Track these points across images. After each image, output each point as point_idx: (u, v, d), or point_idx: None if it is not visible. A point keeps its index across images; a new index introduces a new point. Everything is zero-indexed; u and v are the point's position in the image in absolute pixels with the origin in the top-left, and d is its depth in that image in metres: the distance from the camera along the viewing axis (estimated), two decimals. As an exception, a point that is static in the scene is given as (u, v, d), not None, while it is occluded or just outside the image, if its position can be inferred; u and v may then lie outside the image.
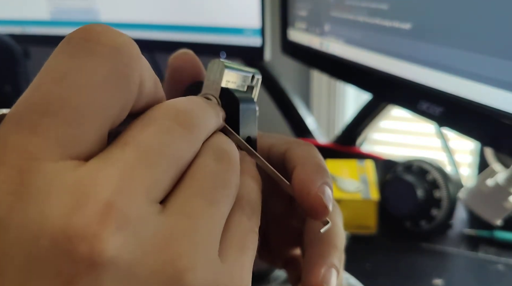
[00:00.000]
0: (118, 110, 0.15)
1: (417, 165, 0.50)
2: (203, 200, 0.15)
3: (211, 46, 0.73)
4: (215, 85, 0.20)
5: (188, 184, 0.15)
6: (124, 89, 0.15)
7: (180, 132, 0.16)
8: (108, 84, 0.14)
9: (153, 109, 0.16)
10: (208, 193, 0.16)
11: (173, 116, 0.16)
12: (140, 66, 0.15)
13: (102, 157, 0.14)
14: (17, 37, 0.81)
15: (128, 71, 0.15)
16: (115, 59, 0.14)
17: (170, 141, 0.15)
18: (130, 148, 0.14)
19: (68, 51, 0.14)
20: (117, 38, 0.15)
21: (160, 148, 0.15)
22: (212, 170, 0.16)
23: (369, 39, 0.46)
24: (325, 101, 1.14)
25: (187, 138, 0.16)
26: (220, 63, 0.20)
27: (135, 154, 0.14)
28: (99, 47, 0.14)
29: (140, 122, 0.16)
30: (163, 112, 0.16)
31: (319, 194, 0.21)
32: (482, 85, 0.33)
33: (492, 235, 0.49)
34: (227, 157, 0.17)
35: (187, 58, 0.23)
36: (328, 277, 0.21)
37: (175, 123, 0.16)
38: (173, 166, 0.15)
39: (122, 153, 0.14)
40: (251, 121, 0.21)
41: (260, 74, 0.23)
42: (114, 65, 0.14)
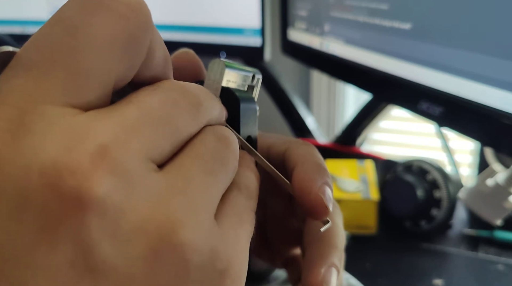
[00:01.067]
0: (124, 69, 0.15)
1: (417, 165, 0.50)
2: (201, 168, 0.15)
3: (211, 46, 0.73)
4: (215, 84, 0.20)
5: (188, 152, 0.16)
6: (133, 50, 0.15)
7: (185, 106, 0.16)
8: (119, 42, 0.14)
9: (163, 81, 0.16)
10: (206, 163, 0.16)
11: (181, 92, 0.16)
12: (152, 32, 0.15)
13: (104, 110, 0.14)
14: (17, 37, 0.81)
15: (139, 33, 0.15)
16: (128, 19, 0.15)
17: (174, 111, 0.15)
18: (135, 105, 0.14)
19: (83, 4, 0.14)
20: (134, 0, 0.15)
21: (163, 113, 0.15)
22: (212, 145, 0.16)
23: (369, 39, 0.46)
24: (325, 101, 1.14)
25: (191, 114, 0.16)
26: (221, 63, 0.20)
27: (139, 112, 0.14)
28: (115, 3, 0.14)
29: (148, 88, 0.16)
30: (172, 86, 0.16)
31: (319, 194, 0.21)
32: (482, 85, 0.33)
33: (492, 235, 0.49)
34: (228, 140, 0.17)
35: (188, 57, 0.23)
36: (328, 277, 0.21)
37: (182, 98, 0.16)
38: (173, 134, 0.15)
39: (125, 109, 0.14)
40: (251, 121, 0.21)
41: (260, 74, 0.23)
42: (127, 24, 0.14)
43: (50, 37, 0.14)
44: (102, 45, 0.14)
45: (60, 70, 0.14)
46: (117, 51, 0.14)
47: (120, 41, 0.14)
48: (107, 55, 0.14)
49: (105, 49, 0.14)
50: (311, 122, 0.81)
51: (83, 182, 0.12)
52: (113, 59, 0.14)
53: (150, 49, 0.16)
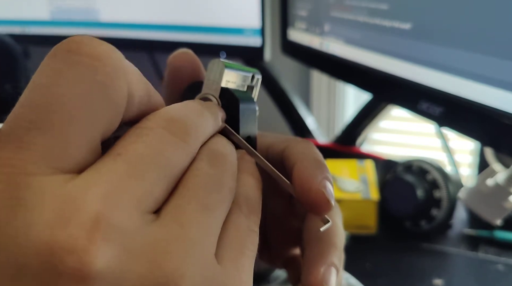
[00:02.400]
0: (106, 121, 0.15)
1: (417, 165, 0.50)
2: (196, 207, 0.15)
3: (211, 46, 0.73)
4: (215, 85, 0.20)
5: (181, 191, 0.15)
6: (109, 100, 0.15)
7: (173, 141, 0.16)
8: (92, 95, 0.14)
9: (147, 118, 0.16)
10: (201, 198, 0.15)
11: (166, 125, 0.16)
12: (124, 75, 0.15)
13: (93, 169, 0.14)
14: (17, 37, 0.81)
15: (111, 81, 0.15)
16: (96, 69, 0.14)
17: (162, 151, 0.15)
18: (122, 158, 0.14)
19: (52, 64, 0.14)
20: (97, 47, 0.15)
21: (151, 158, 0.15)
22: (205, 175, 0.16)
23: (369, 39, 0.46)
24: (325, 101, 1.14)
25: (180, 147, 0.16)
26: (220, 63, 0.20)
27: (126, 165, 0.14)
28: (80, 57, 0.14)
29: (132, 133, 0.15)
30: (156, 121, 0.16)
31: (320, 188, 0.21)
32: (482, 85, 0.33)
33: (492, 235, 0.49)
34: (222, 160, 0.17)
35: (187, 57, 0.23)
36: (328, 276, 0.21)
37: (168, 133, 0.16)
38: (165, 175, 0.15)
39: (113, 164, 0.14)
40: (251, 121, 0.21)
41: (260, 74, 0.23)
42: (96, 75, 0.14)
43: (24, 104, 0.14)
44: (76, 101, 0.14)
45: (39, 136, 0.13)
46: (93, 104, 0.14)
47: (93, 93, 0.14)
48: (84, 110, 0.14)
49: (80, 104, 0.14)
50: (311, 122, 0.81)
51: (82, 258, 0.12)
52: (91, 113, 0.14)
53: (129, 92, 0.15)
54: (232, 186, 0.17)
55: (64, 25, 0.83)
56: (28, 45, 0.82)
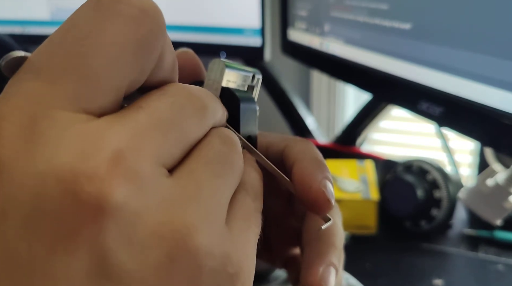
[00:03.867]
0: (136, 74, 0.15)
1: (417, 165, 0.50)
2: (210, 171, 0.15)
3: (211, 46, 0.73)
4: (215, 84, 0.20)
5: (196, 157, 0.16)
6: (145, 55, 0.15)
7: (192, 111, 0.16)
8: (131, 47, 0.14)
9: (168, 85, 0.16)
10: (214, 166, 0.16)
11: (187, 97, 0.16)
12: (164, 37, 0.15)
13: (116, 115, 0.14)
14: (17, 37, 0.81)
15: (152, 38, 0.15)
16: (141, 23, 0.14)
17: (182, 115, 0.15)
18: (145, 111, 0.14)
19: (96, 9, 0.14)
20: (148, 4, 0.15)
21: (172, 118, 0.15)
22: (218, 148, 0.16)
23: (369, 39, 0.46)
24: (325, 101, 1.14)
25: (198, 118, 0.16)
26: (221, 63, 0.20)
27: (149, 117, 0.14)
28: (128, 8, 0.14)
29: (156, 92, 0.16)
30: (179, 90, 0.16)
31: (321, 187, 0.21)
32: (482, 85, 0.33)
33: (492, 235, 0.49)
34: (232, 142, 0.17)
35: (187, 57, 0.23)
36: (327, 276, 0.21)
37: (188, 102, 0.16)
38: (182, 138, 0.15)
39: (136, 114, 0.14)
40: (251, 121, 0.21)
41: (260, 74, 0.23)
42: (140, 29, 0.14)
43: (62, 43, 0.14)
44: (113, 51, 0.14)
45: (72, 76, 0.13)
46: (128, 57, 0.14)
47: (132, 46, 0.14)
48: (119, 61, 0.14)
49: (117, 55, 0.14)
50: (311, 122, 0.81)
51: (102, 188, 0.12)
52: (125, 65, 0.14)
53: (161, 54, 0.16)
54: (240, 165, 0.17)
55: (64, 25, 0.83)
56: (28, 45, 0.82)
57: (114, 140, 0.13)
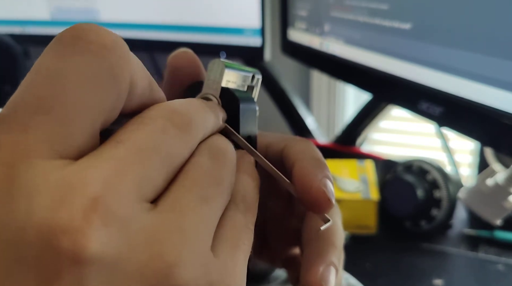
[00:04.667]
0: (108, 109, 0.15)
1: (417, 165, 0.50)
2: (195, 197, 0.15)
3: (211, 46, 0.73)
4: (215, 85, 0.20)
5: (181, 181, 0.15)
6: (114, 88, 0.15)
7: (174, 132, 0.16)
8: (98, 82, 0.14)
9: (149, 109, 0.16)
10: (200, 190, 0.15)
11: (168, 116, 0.16)
12: (130, 65, 0.15)
13: (93, 155, 0.14)
14: (17, 37, 0.81)
15: (117, 69, 0.15)
16: (104, 58, 0.14)
17: (163, 140, 0.15)
18: (123, 145, 0.14)
19: (58, 50, 0.14)
20: (106, 37, 0.15)
21: (153, 146, 0.15)
22: (205, 168, 0.16)
23: (369, 39, 0.46)
24: (325, 101, 1.14)
25: (182, 138, 0.16)
26: (221, 63, 0.20)
27: (127, 151, 0.14)
28: (89, 45, 0.14)
29: (135, 121, 0.16)
30: (159, 112, 0.16)
31: (321, 187, 0.21)
32: (482, 85, 0.33)
33: (492, 235, 0.49)
34: (222, 155, 0.17)
35: (187, 57, 0.23)
36: (327, 276, 0.21)
37: (169, 123, 0.16)
38: (165, 165, 0.15)
39: (114, 150, 0.14)
40: (251, 121, 0.21)
41: (260, 74, 0.23)
42: (103, 63, 0.14)
43: (30, 88, 0.14)
44: (82, 88, 0.14)
45: (43, 121, 0.13)
46: (97, 91, 0.14)
47: (99, 81, 0.14)
48: (89, 97, 0.14)
49: (86, 91, 0.14)
50: (311, 122, 0.81)
51: (76, 240, 0.12)
52: (95, 100, 0.14)
53: (132, 82, 0.15)
54: (230, 182, 0.17)
55: (64, 25, 0.82)
56: (28, 45, 0.82)
57: (90, 184, 0.13)
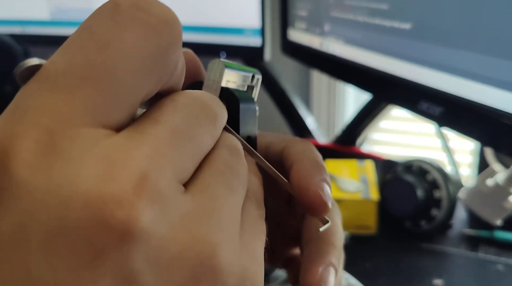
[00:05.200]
0: (153, 86, 0.14)
1: (417, 165, 0.50)
2: (223, 184, 0.15)
3: (211, 46, 0.73)
4: (215, 85, 0.20)
5: (208, 170, 0.15)
6: (164, 67, 0.14)
7: (205, 122, 0.16)
8: (151, 59, 0.14)
9: (179, 95, 0.16)
10: (226, 179, 0.16)
11: (200, 107, 0.16)
12: (180, 47, 0.15)
13: (134, 130, 0.14)
14: (17, 37, 0.81)
15: (171, 50, 0.14)
16: (162, 34, 0.14)
17: (196, 128, 0.15)
18: (162, 125, 0.14)
19: (115, 17, 0.14)
20: (168, 12, 0.14)
21: (187, 131, 0.15)
22: (227, 160, 0.16)
23: (369, 39, 0.46)
24: (325, 101, 1.14)
25: (210, 129, 0.16)
26: (220, 63, 0.20)
27: (166, 132, 0.14)
28: (149, 17, 0.14)
29: (169, 103, 0.15)
30: (192, 100, 0.16)
31: (317, 190, 0.21)
32: (482, 85, 0.33)
33: (492, 235, 0.49)
34: (238, 152, 0.17)
35: (187, 57, 0.23)
36: (326, 276, 0.21)
37: (202, 114, 0.16)
38: (197, 151, 0.15)
39: (153, 129, 0.14)
40: (251, 121, 0.21)
41: (260, 74, 0.23)
42: (161, 40, 0.14)
43: (81, 51, 0.13)
44: (134, 62, 0.13)
45: (92, 87, 0.13)
46: (148, 68, 0.14)
47: (152, 58, 0.14)
48: (139, 73, 0.14)
49: (137, 66, 0.14)
50: (311, 122, 0.81)
51: (130, 213, 0.12)
52: (144, 77, 0.14)
53: (176, 64, 0.15)
54: (246, 176, 0.17)
55: (64, 25, 0.83)
56: (28, 45, 0.82)
57: (137, 159, 0.13)
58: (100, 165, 0.12)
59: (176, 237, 0.13)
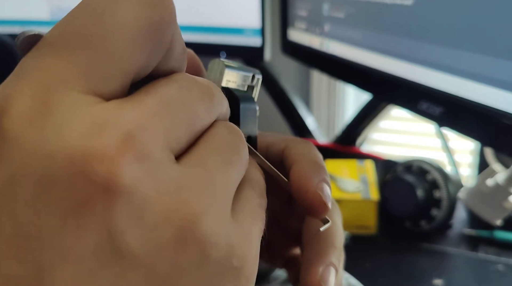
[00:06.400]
0: (145, 61, 0.15)
1: (417, 165, 0.50)
2: (219, 158, 0.15)
3: (211, 46, 0.73)
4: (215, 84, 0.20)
5: (204, 143, 0.15)
6: (156, 41, 0.15)
7: (200, 96, 0.16)
8: (143, 31, 0.14)
9: (176, 73, 0.16)
10: (223, 153, 0.16)
11: (195, 83, 0.16)
12: (175, 26, 0.16)
13: (124, 99, 0.14)
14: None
15: (164, 25, 0.15)
16: (155, 8, 0.15)
17: (190, 99, 0.15)
18: (153, 95, 0.14)
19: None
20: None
21: (180, 101, 0.15)
22: (225, 137, 0.16)
23: (369, 39, 0.46)
24: (325, 101, 1.14)
25: (206, 104, 0.16)
26: (221, 63, 0.20)
27: (158, 101, 0.14)
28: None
29: (164, 79, 0.16)
30: (186, 77, 0.16)
31: (317, 191, 0.21)
32: (482, 85, 0.33)
33: (492, 235, 0.49)
34: (238, 132, 0.17)
35: (187, 57, 0.23)
36: (326, 276, 0.21)
37: (196, 89, 0.16)
38: (190, 123, 0.15)
39: (144, 98, 0.14)
40: (251, 121, 0.21)
41: (260, 74, 0.23)
42: (154, 14, 0.14)
43: (76, 22, 0.14)
44: (127, 33, 0.14)
45: (85, 55, 0.13)
46: (140, 41, 0.14)
47: (144, 31, 0.14)
48: (131, 44, 0.14)
49: (130, 37, 0.14)
50: (311, 122, 0.81)
51: (111, 168, 0.12)
52: (137, 49, 0.14)
53: (171, 43, 0.16)
54: (247, 157, 0.17)
55: (64, 25, 0.83)
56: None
57: (124, 121, 0.13)
58: (87, 124, 0.13)
59: (160, 198, 0.13)
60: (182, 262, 0.13)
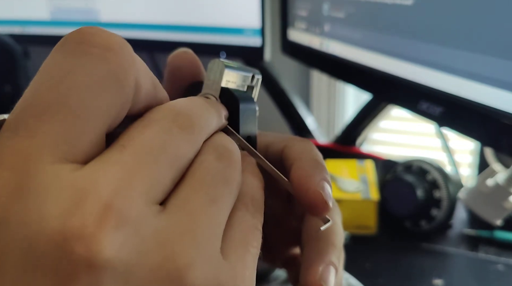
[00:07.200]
0: (114, 112, 0.15)
1: (417, 165, 0.50)
2: (203, 197, 0.15)
3: (211, 46, 0.73)
4: (215, 85, 0.20)
5: (189, 182, 0.15)
6: (119, 91, 0.15)
7: (179, 132, 0.16)
8: (103, 85, 0.14)
9: (152, 111, 0.16)
10: (208, 190, 0.15)
11: (172, 118, 0.16)
12: (135, 67, 0.15)
13: (100, 159, 0.14)
14: (17, 37, 0.81)
15: (122, 72, 0.15)
16: (108, 61, 0.15)
17: (169, 141, 0.15)
18: (128, 149, 0.14)
19: (62, 53, 0.14)
20: (109, 39, 0.15)
21: (158, 148, 0.15)
22: (212, 167, 0.16)
23: (369, 39, 0.46)
24: (325, 101, 1.14)
25: (186, 138, 0.16)
26: (220, 63, 0.20)
27: (133, 155, 0.14)
28: (92, 48, 0.14)
29: (139, 124, 0.15)
30: (162, 113, 0.16)
31: (318, 189, 0.21)
32: (482, 85, 0.33)
33: (492, 235, 0.49)
34: (228, 154, 0.17)
35: (187, 57, 0.23)
36: (326, 275, 0.21)
37: (174, 125, 0.16)
38: (172, 166, 0.15)
39: (120, 155, 0.14)
40: (251, 121, 0.21)
41: (260, 74, 0.23)
42: (108, 66, 0.14)
43: (35, 92, 0.14)
44: (87, 91, 0.14)
45: (48, 126, 0.13)
46: (103, 94, 0.14)
47: (104, 83, 0.14)
48: (94, 100, 0.14)
49: (91, 94, 0.14)
50: (311, 122, 0.81)
51: (91, 246, 0.12)
52: (101, 103, 0.14)
53: (136, 84, 0.15)
54: (238, 180, 0.17)
55: (64, 25, 0.83)
56: (28, 45, 0.82)
57: (101, 189, 0.13)
58: (63, 199, 0.13)
59: (145, 260, 0.13)
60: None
